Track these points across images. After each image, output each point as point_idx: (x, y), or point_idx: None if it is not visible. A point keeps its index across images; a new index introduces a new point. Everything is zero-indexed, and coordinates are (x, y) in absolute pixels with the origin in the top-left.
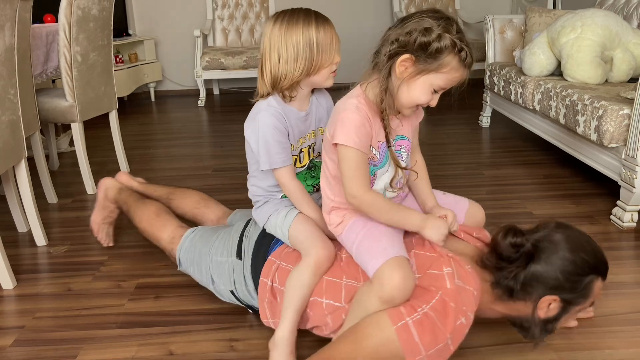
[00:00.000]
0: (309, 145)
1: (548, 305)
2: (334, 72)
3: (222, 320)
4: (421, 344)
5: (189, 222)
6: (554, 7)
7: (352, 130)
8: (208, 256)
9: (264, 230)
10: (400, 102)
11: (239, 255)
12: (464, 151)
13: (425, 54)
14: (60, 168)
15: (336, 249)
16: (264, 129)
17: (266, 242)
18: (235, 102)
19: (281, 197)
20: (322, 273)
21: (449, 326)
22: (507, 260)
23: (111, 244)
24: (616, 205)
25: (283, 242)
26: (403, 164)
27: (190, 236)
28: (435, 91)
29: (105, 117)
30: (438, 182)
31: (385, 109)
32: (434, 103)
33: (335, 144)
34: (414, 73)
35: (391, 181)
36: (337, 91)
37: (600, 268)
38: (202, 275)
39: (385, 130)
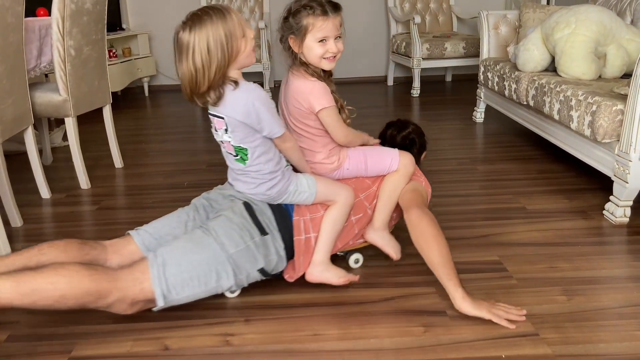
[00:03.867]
0: None
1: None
2: (253, 48)
3: (217, 314)
4: (428, 184)
5: None
6: (548, 2)
7: (327, 96)
8: (221, 256)
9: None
10: (314, 64)
11: (263, 231)
12: (458, 146)
13: (294, 28)
14: (54, 163)
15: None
16: (265, 101)
17: (282, 209)
18: None
19: (286, 166)
20: (352, 205)
21: (422, 174)
22: (404, 145)
23: None
24: (609, 200)
25: (293, 205)
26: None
27: (162, 260)
28: (322, 40)
29: (98, 111)
30: (432, 177)
31: (321, 74)
32: (334, 48)
33: (318, 111)
34: (299, 42)
35: None
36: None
37: None
38: (207, 284)
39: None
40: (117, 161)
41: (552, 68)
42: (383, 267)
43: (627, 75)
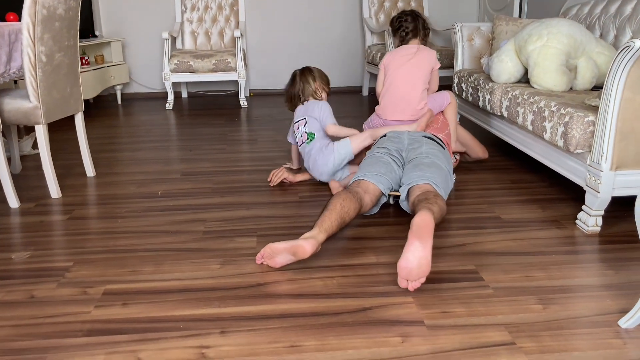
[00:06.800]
0: None
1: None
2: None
3: (192, 327)
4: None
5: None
6: (520, 15)
7: None
8: (449, 169)
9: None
10: None
11: (444, 147)
12: None
13: None
14: (23, 171)
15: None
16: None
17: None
18: (203, 105)
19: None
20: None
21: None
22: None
23: None
24: (581, 210)
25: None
26: None
27: (433, 181)
28: None
29: (70, 119)
30: None
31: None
32: None
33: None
34: None
35: None
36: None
37: None
38: (449, 187)
39: None
40: (89, 170)
41: (525, 79)
42: (360, 277)
43: (597, 87)
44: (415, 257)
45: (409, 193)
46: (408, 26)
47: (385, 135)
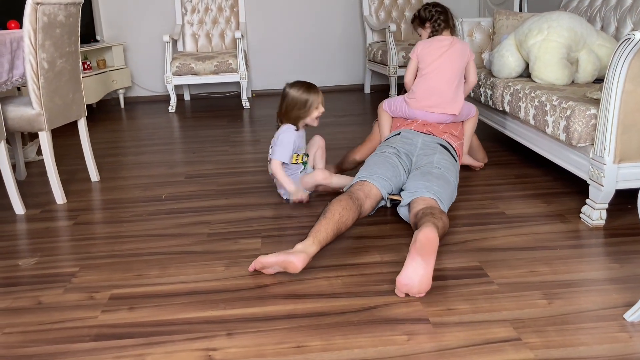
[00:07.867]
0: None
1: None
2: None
3: (199, 329)
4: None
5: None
6: (520, 9)
7: None
8: (454, 183)
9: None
10: None
11: (455, 159)
12: None
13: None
14: (28, 178)
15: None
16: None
17: (446, 144)
18: (206, 107)
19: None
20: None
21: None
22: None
23: None
24: (585, 203)
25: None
26: None
27: (437, 195)
28: None
29: (73, 124)
30: None
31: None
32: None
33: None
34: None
35: None
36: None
37: None
38: (451, 199)
39: None
40: (93, 175)
41: (526, 74)
42: (364, 276)
43: (599, 80)
44: (417, 274)
45: (411, 202)
46: (440, 16)
47: (399, 134)
